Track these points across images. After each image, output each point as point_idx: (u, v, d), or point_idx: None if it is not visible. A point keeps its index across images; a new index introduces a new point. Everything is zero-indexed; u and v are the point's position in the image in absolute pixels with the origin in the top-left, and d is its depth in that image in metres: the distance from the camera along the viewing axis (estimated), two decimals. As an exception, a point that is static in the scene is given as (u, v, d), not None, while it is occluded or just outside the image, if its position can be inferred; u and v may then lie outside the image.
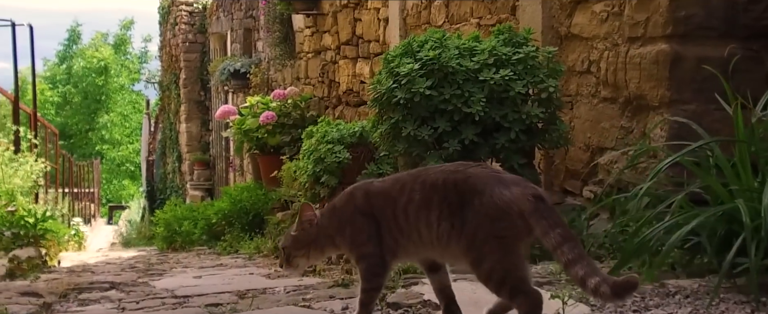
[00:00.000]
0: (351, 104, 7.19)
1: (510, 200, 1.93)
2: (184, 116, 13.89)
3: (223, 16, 12.21)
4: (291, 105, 7.82)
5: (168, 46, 14.92)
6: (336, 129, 5.61)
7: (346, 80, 7.24)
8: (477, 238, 1.94)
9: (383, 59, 3.78)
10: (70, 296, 3.20)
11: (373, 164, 5.42)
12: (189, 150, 13.82)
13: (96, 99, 28.69)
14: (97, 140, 28.28)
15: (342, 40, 7.28)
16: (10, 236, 5.29)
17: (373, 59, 6.63)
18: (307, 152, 5.66)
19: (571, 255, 1.83)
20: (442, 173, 2.04)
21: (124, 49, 30.34)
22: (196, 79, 13.88)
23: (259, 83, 9.91)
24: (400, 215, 2.05)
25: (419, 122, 3.53)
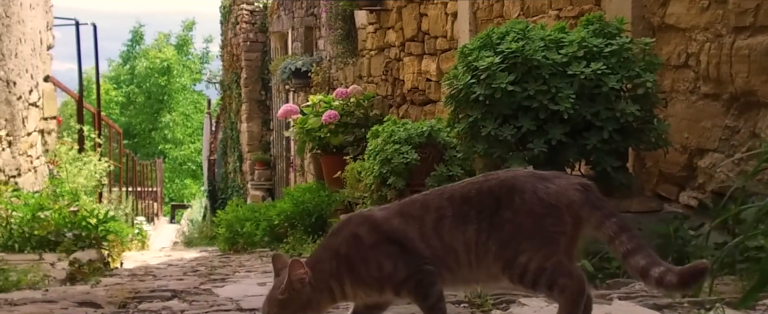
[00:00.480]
0: (416, 103, 6.93)
1: (556, 192, 1.76)
2: (245, 116, 13.85)
3: (284, 14, 12.10)
4: (354, 104, 7.61)
5: (229, 46, 14.92)
6: (403, 129, 5.36)
7: (410, 77, 6.98)
8: (516, 237, 1.75)
9: (459, 53, 3.51)
10: (129, 306, 3.02)
11: (443, 166, 5.16)
12: (250, 150, 13.77)
13: (159, 99, 29.12)
14: (159, 139, 28.70)
15: (407, 37, 7.03)
16: (72, 237, 5.20)
17: (440, 56, 6.36)
18: (372, 152, 5.43)
19: (630, 245, 1.69)
20: (473, 185, 1.85)
21: (186, 50, 30.73)
22: (257, 78, 13.83)
23: (321, 82, 9.74)
24: (432, 235, 1.82)
25: (500, 120, 3.25)
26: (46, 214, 5.51)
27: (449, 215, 1.81)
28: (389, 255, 1.83)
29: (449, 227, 1.80)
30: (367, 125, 7.51)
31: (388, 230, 1.85)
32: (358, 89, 7.78)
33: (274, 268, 1.94)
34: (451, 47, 6.15)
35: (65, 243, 5.11)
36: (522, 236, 1.75)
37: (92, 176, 8.19)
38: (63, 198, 6.26)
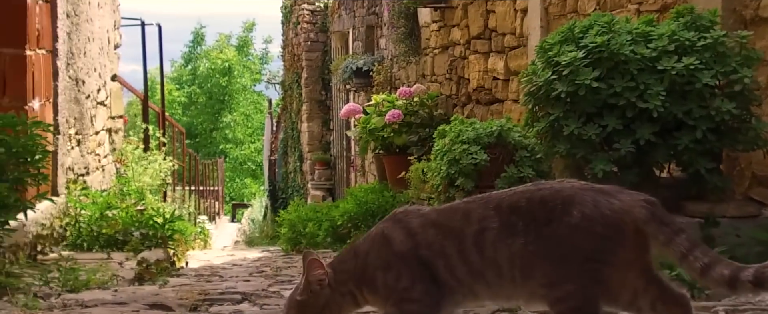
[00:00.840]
0: (482, 102, 6.76)
1: (621, 209, 1.64)
2: (305, 116, 13.87)
3: (345, 14, 12.05)
4: (417, 103, 7.48)
5: (290, 46, 14.96)
6: (471, 128, 5.21)
7: (476, 76, 6.81)
8: (568, 259, 1.63)
9: (538, 48, 3.35)
10: (200, 309, 2.95)
11: (513, 167, 4.99)
12: (310, 150, 13.78)
13: (220, 99, 29.51)
14: (220, 139, 29.09)
15: (472, 34, 6.87)
16: (139, 236, 5.20)
17: (508, 53, 6.18)
18: (439, 152, 5.29)
19: (706, 259, 1.61)
20: (523, 194, 1.72)
21: (247, 51, 31.08)
22: (318, 78, 13.82)
23: (382, 81, 9.64)
24: (471, 249, 1.70)
25: (584, 118, 3.08)
26: (114, 213, 5.53)
27: (494, 227, 1.70)
28: (412, 269, 1.74)
29: (493, 240, 1.69)
30: (432, 124, 7.36)
31: (422, 241, 1.75)
32: (422, 88, 7.65)
33: (305, 274, 1.82)
34: (519, 44, 5.98)
35: (133, 242, 5.11)
36: (578, 259, 1.64)
37: (157, 175, 8.26)
38: (130, 197, 6.30)
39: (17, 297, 2.79)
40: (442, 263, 1.73)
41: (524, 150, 5.05)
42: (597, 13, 3.31)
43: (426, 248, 1.74)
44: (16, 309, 2.61)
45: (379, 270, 1.76)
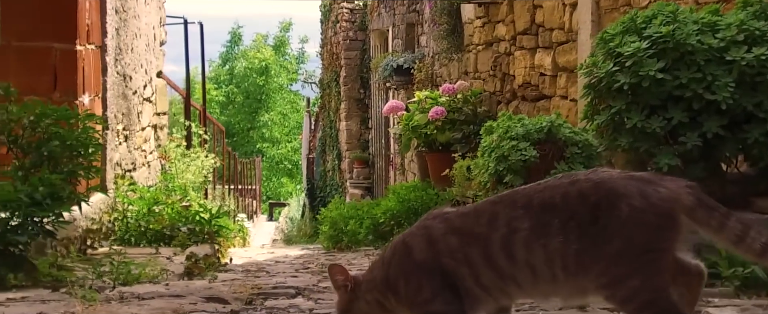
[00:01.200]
0: (528, 99, 6.66)
1: (669, 197, 1.58)
2: (344, 114, 13.86)
3: (384, 12, 12.00)
4: (461, 100, 7.41)
5: (329, 44, 14.96)
6: (520, 124, 5.12)
7: (522, 72, 6.72)
8: (625, 254, 1.57)
9: (598, 39, 3.26)
10: (255, 303, 2.93)
11: (563, 163, 4.89)
12: (349, 148, 13.77)
13: (257, 99, 29.67)
14: (257, 138, 29.24)
15: (518, 30, 6.77)
16: (186, 232, 5.20)
17: (556, 49, 6.08)
18: (486, 148, 5.21)
19: (764, 239, 1.56)
20: (555, 190, 1.64)
21: (283, 50, 31.20)
22: (356, 77, 13.80)
23: (423, 79, 9.57)
24: (498, 254, 1.64)
25: (648, 111, 2.99)
26: (160, 208, 5.55)
27: (525, 228, 1.63)
28: (432, 280, 1.68)
29: (525, 241, 1.63)
30: (476, 121, 7.29)
31: (443, 249, 1.69)
32: (465, 85, 7.57)
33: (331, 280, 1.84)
34: (568, 39, 5.87)
35: (180, 238, 5.12)
36: (634, 253, 1.57)
37: (199, 173, 8.29)
38: (175, 193, 6.32)
39: (75, 290, 2.78)
40: (466, 271, 1.68)
41: (575, 147, 4.95)
42: (660, 3, 3.21)
43: (448, 256, 1.69)
44: (74, 301, 2.60)
45: (400, 279, 1.73)
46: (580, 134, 5.05)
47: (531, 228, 1.63)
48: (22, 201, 3.04)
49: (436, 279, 1.68)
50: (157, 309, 2.50)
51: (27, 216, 3.09)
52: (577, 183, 1.65)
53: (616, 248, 1.58)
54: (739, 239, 1.59)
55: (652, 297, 1.58)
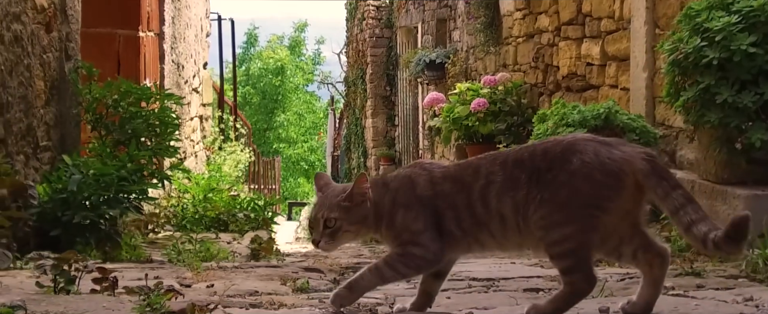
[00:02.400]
0: (573, 90, 6.66)
1: (621, 158, 1.71)
2: (370, 111, 13.88)
3: (413, 8, 12.02)
4: (502, 92, 7.43)
5: (354, 42, 14.99)
6: (576, 111, 5.13)
7: (567, 63, 6.71)
8: (567, 204, 1.69)
9: (682, 15, 3.27)
10: (347, 274, 2.95)
11: (621, 149, 4.91)
12: (375, 145, 13.78)
13: (273, 99, 29.73)
14: (274, 138, 29.30)
15: (563, 21, 6.77)
16: (243, 218, 5.23)
17: (605, 38, 6.07)
18: (541, 136, 5.23)
19: (695, 216, 1.68)
20: (527, 148, 1.83)
21: (299, 51, 31.27)
22: (383, 74, 13.83)
23: (457, 73, 9.59)
24: (476, 202, 1.79)
25: (738, 86, 2.99)
26: (213, 196, 5.58)
27: (498, 181, 1.78)
28: (426, 216, 1.83)
29: (497, 192, 1.78)
30: (520, 112, 7.31)
31: (440, 191, 1.85)
32: (507, 77, 7.59)
33: (316, 185, 2.01)
34: (618, 28, 5.86)
35: (238, 223, 5.15)
36: (576, 204, 1.70)
37: (235, 167, 8.33)
38: (223, 182, 6.35)
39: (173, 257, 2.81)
40: (451, 214, 1.82)
41: (633, 133, 4.96)
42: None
43: (441, 199, 1.84)
44: (182, 268, 2.62)
45: (401, 207, 1.87)
46: (637, 120, 5.06)
47: (503, 181, 1.78)
48: (114, 176, 3.06)
49: (428, 216, 1.84)
50: (265, 275, 2.53)
51: (117, 191, 3.11)
52: (545, 143, 1.82)
53: (561, 196, 1.70)
54: (675, 210, 1.69)
55: (575, 247, 1.71)
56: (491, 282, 2.55)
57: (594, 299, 1.98)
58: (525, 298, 2.16)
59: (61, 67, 3.54)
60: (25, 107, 3.09)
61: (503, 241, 1.83)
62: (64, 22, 3.51)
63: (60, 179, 3.04)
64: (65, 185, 2.99)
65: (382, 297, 2.26)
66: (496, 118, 7.25)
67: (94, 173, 3.04)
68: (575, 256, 1.72)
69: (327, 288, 2.46)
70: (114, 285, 1.87)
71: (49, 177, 3.16)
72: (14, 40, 2.95)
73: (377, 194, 1.90)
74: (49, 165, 3.34)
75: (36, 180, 3.12)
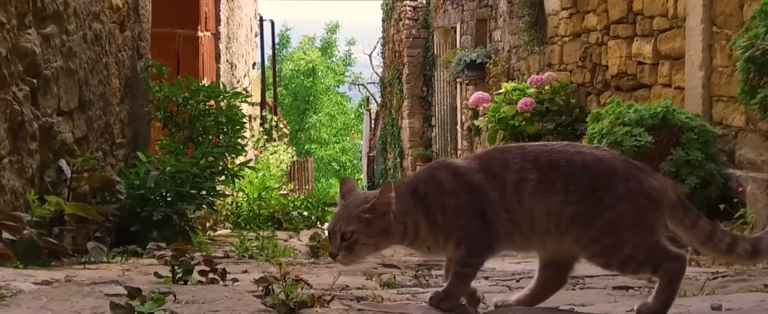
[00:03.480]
0: (623, 89, 6.61)
1: (660, 189, 1.81)
2: (406, 112, 13.89)
3: (451, 8, 12.01)
4: (549, 91, 7.39)
5: (391, 43, 15.01)
6: (632, 110, 5.10)
7: (616, 62, 6.66)
8: (617, 225, 1.75)
9: (757, 11, 3.23)
10: (420, 271, 2.97)
11: (680, 149, 4.86)
12: (411, 146, 13.79)
13: (305, 100, 29.87)
14: (305, 139, 29.43)
15: (612, 19, 6.72)
16: (297, 216, 5.26)
17: (657, 36, 6.02)
18: (596, 135, 5.20)
19: (729, 238, 1.80)
20: (561, 154, 1.81)
21: (330, 52, 31.37)
22: (419, 74, 13.83)
23: (498, 73, 9.56)
24: (509, 197, 1.79)
25: (820, 83, 2.95)
26: (266, 194, 5.62)
27: (533, 179, 1.78)
28: (467, 205, 1.81)
29: (531, 192, 1.78)
30: (568, 112, 7.27)
31: (470, 182, 1.83)
32: (554, 76, 7.55)
33: (340, 191, 1.93)
34: (672, 26, 5.81)
35: (293, 221, 5.18)
36: (624, 224, 1.75)
37: (279, 165, 8.39)
38: (273, 181, 6.40)
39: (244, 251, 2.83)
40: (484, 206, 1.82)
41: (691, 132, 4.92)
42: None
43: (475, 187, 1.83)
44: (266, 263, 2.65)
45: (437, 211, 1.84)
46: (696, 119, 5.01)
47: (538, 181, 1.78)
48: (189, 173, 3.10)
49: (469, 200, 1.83)
50: (346, 271, 2.55)
51: (192, 188, 3.15)
52: (581, 154, 1.82)
53: (608, 219, 1.75)
54: (707, 238, 1.80)
55: (644, 258, 1.78)
56: (576, 280, 2.54)
57: (696, 297, 1.97)
58: (620, 295, 2.15)
59: (133, 65, 3.59)
60: (104, 105, 3.15)
61: (529, 241, 1.84)
62: (137, 21, 3.57)
63: (137, 175, 3.09)
64: (142, 181, 3.03)
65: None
66: (543, 118, 7.22)
67: (170, 169, 3.08)
68: (650, 261, 1.78)
69: (412, 284, 2.47)
70: (223, 276, 1.89)
71: (126, 173, 3.20)
72: (95, 38, 3.01)
73: (406, 203, 1.86)
74: (123, 162, 3.39)
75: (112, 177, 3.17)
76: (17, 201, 2.43)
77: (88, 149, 2.93)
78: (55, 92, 2.72)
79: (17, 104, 2.43)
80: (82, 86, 2.93)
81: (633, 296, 2.13)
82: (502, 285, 2.49)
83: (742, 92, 3.32)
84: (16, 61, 2.43)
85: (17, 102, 2.44)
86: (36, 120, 2.59)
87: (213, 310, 1.47)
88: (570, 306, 1.94)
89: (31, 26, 2.56)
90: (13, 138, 2.42)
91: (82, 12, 2.94)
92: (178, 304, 1.40)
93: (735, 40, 3.34)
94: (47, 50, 2.65)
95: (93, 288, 1.61)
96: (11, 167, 2.42)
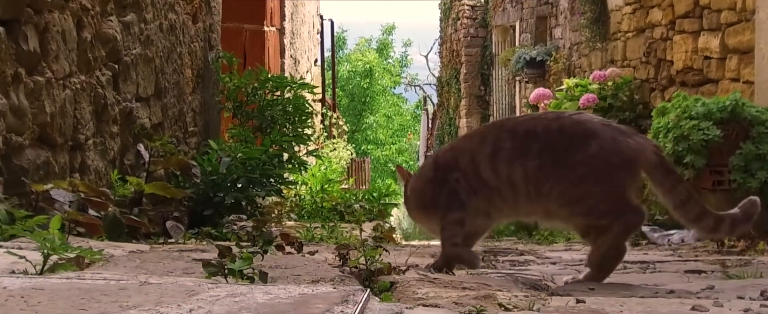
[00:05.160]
0: (689, 84, 6.48)
1: (635, 148, 1.83)
2: (464, 111, 13.87)
3: (510, 7, 11.96)
4: (612, 87, 7.30)
5: (448, 42, 15.02)
6: (700, 103, 5.01)
7: (682, 57, 6.55)
8: (585, 180, 1.80)
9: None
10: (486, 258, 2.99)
11: (749, 143, 4.75)
12: (469, 145, 13.75)
13: (361, 101, 30.04)
14: (362, 140, 29.60)
15: (678, 14, 6.60)
16: (359, 208, 5.32)
17: (725, 30, 5.90)
18: (661, 129, 5.13)
19: (699, 209, 1.85)
20: (537, 120, 1.92)
21: (386, 53, 31.48)
22: (477, 73, 13.80)
23: (559, 70, 9.48)
24: (485, 167, 1.90)
25: None
26: (328, 187, 5.69)
27: (507, 148, 1.88)
28: (440, 192, 1.99)
29: (507, 159, 1.88)
30: (631, 108, 7.17)
31: (443, 164, 2.02)
32: (617, 72, 7.45)
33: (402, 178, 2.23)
34: (740, 20, 5.69)
35: (354, 214, 5.23)
36: (593, 180, 1.81)
37: (339, 163, 8.47)
38: (335, 175, 6.47)
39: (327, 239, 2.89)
40: (462, 180, 1.96)
41: (762, 126, 4.81)
42: None
43: (449, 171, 1.98)
44: (331, 243, 2.70)
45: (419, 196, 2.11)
46: (767, 113, 4.89)
47: (512, 149, 1.88)
48: (259, 160, 3.17)
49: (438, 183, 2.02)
50: (416, 253, 2.58)
51: (262, 175, 3.23)
52: (560, 119, 1.90)
53: (579, 174, 1.81)
54: (681, 204, 1.86)
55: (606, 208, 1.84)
56: (647, 265, 2.53)
57: (749, 280, 1.95)
58: (694, 277, 2.13)
59: (205, 56, 3.70)
60: (178, 93, 3.25)
61: (515, 206, 1.95)
62: (208, 13, 3.68)
63: (210, 162, 3.18)
64: (215, 167, 3.12)
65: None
66: (606, 114, 7.10)
67: (241, 156, 3.15)
68: (610, 211, 1.83)
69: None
70: (300, 249, 1.95)
71: (199, 160, 3.30)
72: (170, 28, 3.12)
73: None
74: (196, 149, 3.49)
75: (187, 163, 3.28)
76: (100, 181, 2.54)
77: (164, 135, 3.03)
78: (134, 78, 2.83)
79: (100, 88, 2.54)
80: (158, 73, 3.03)
81: (706, 278, 2.11)
82: (571, 269, 2.50)
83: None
84: (99, 47, 2.54)
85: (100, 86, 2.55)
86: (117, 105, 2.70)
87: (296, 274, 1.53)
88: (654, 285, 1.94)
89: (113, 13, 2.67)
90: (97, 121, 2.53)
91: (159, 2, 3.04)
92: (263, 267, 1.46)
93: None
94: (127, 37, 2.76)
95: (181, 254, 1.69)
96: (95, 148, 2.52)
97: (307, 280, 1.47)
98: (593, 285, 1.79)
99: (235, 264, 1.34)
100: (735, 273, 2.21)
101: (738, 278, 2.09)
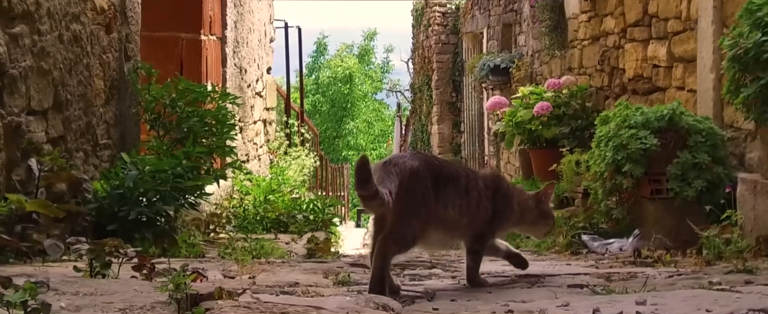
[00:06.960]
0: (639, 92, 6.49)
1: None
2: (436, 118, 13.85)
3: (479, 14, 11.96)
4: (566, 95, 7.30)
5: (420, 48, 15.01)
6: (639, 113, 5.01)
7: (633, 65, 6.55)
8: None
9: (744, 10, 3.15)
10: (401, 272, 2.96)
11: (687, 152, 4.76)
12: (441, 152, 13.73)
13: (342, 107, 30.01)
14: (343, 146, 29.56)
15: (629, 22, 6.61)
16: (302, 219, 5.28)
17: (671, 39, 5.90)
18: (603, 138, 5.13)
19: None
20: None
21: (368, 59, 31.48)
22: (448, 80, 13.79)
23: (522, 77, 9.48)
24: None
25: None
26: (275, 198, 5.65)
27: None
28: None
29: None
30: (585, 116, 7.17)
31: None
32: (572, 80, 7.45)
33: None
34: (685, 29, 5.69)
35: (297, 225, 5.20)
36: None
37: (300, 172, 8.42)
38: (285, 185, 6.43)
39: (225, 253, 2.86)
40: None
41: (699, 135, 4.81)
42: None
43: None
44: (230, 262, 2.67)
45: None
46: (704, 122, 4.90)
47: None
48: (169, 172, 3.13)
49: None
50: (310, 269, 2.55)
51: (173, 188, 3.19)
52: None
53: None
54: None
55: None
56: (537, 278, 2.51)
57: (609, 295, 1.93)
58: (572, 293, 2.11)
59: (120, 67, 3.65)
60: (85, 106, 3.21)
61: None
62: (124, 23, 3.64)
63: (117, 175, 3.13)
64: (122, 181, 3.08)
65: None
66: (560, 122, 7.13)
67: (150, 169, 3.11)
68: None
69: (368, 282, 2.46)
70: (151, 272, 1.91)
71: (106, 174, 3.25)
72: (73, 39, 3.08)
73: None
74: (109, 163, 3.44)
75: (95, 177, 3.23)
76: (-21, 199, 2.49)
77: (65, 148, 2.98)
78: (23, 92, 2.78)
79: (-21, 103, 2.49)
80: (57, 86, 2.98)
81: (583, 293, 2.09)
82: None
83: (728, 91, 3.25)
84: (-23, 61, 2.48)
85: (-21, 101, 2.49)
86: (1, 119, 2.65)
87: (107, 302, 1.49)
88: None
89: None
90: (-23, 136, 2.47)
91: (58, 13, 3.00)
92: (74, 295, 1.42)
93: (722, 39, 3.26)
94: (15, 50, 2.72)
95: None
96: (-25, 164, 2.47)
97: (114, 309, 1.43)
98: (438, 305, 1.77)
99: (13, 296, 1.30)
100: (612, 288, 2.19)
101: (606, 293, 2.08)
